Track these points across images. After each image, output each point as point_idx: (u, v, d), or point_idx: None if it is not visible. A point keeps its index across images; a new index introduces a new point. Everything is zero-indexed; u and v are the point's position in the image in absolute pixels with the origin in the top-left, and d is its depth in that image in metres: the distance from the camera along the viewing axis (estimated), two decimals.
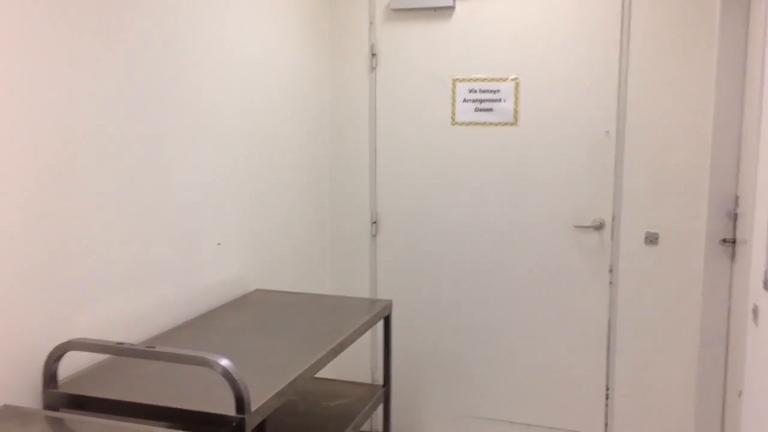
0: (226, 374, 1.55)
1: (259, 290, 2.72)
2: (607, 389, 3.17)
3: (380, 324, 3.45)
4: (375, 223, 3.43)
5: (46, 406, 1.69)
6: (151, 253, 2.12)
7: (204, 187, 2.39)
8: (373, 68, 3.34)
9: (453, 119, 3.25)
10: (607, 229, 3.09)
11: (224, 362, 1.56)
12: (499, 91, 3.16)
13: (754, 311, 2.22)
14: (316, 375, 2.23)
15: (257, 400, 1.63)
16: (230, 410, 1.57)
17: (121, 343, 1.64)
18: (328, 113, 3.42)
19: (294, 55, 3.01)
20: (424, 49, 3.25)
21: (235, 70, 2.56)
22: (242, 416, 1.55)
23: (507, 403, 3.33)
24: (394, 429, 3.52)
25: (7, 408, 1.57)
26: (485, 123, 3.20)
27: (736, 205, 2.85)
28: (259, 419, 1.61)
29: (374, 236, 3.44)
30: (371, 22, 3.31)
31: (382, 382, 2.66)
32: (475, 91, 3.19)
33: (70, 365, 1.81)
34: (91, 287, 1.88)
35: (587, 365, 3.19)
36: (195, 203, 2.34)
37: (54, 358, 1.68)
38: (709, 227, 2.91)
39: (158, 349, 1.60)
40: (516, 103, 3.14)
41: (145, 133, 2.08)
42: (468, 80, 3.20)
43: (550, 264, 3.19)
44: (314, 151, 3.26)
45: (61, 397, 1.68)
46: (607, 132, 3.04)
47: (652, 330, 3.07)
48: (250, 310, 2.43)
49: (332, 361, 3.12)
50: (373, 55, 3.32)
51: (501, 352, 3.31)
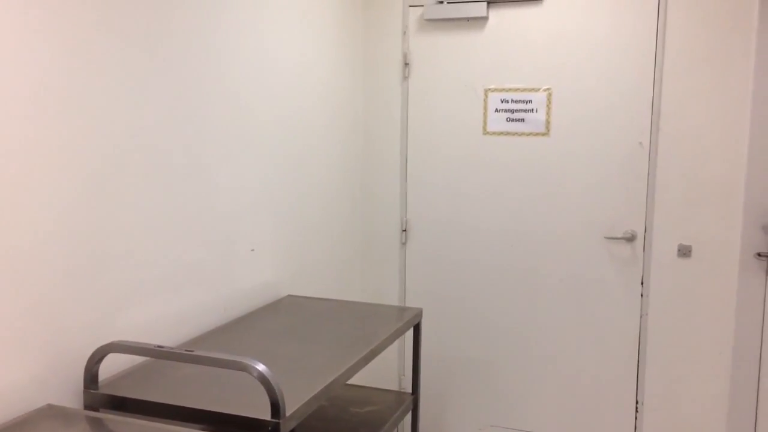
0: (263, 379, 1.57)
1: (290, 296, 2.75)
2: (637, 402, 3.15)
3: (408, 331, 3.47)
4: (405, 230, 3.45)
5: (87, 406, 1.73)
6: (189, 257, 2.16)
7: (240, 194, 2.43)
8: (406, 78, 3.36)
9: (484, 129, 3.26)
10: (639, 241, 3.08)
11: (261, 367, 1.58)
12: (531, 101, 3.16)
13: None
14: None
15: (292, 405, 1.65)
16: (265, 414, 1.60)
17: (161, 347, 1.67)
18: (361, 122, 3.45)
19: (328, 65, 3.04)
20: (457, 59, 3.27)
21: (271, 79, 2.60)
22: (277, 420, 1.57)
23: (535, 413, 3.32)
24: None
25: (51, 407, 1.62)
26: (517, 133, 3.20)
27: None
28: (293, 424, 1.63)
29: (404, 244, 3.46)
30: (404, 32, 3.34)
31: (409, 390, 2.67)
32: (507, 101, 3.20)
33: (110, 366, 1.85)
34: (132, 290, 1.92)
35: (617, 377, 3.16)
36: (231, 209, 2.38)
37: (95, 359, 1.72)
38: (744, 240, 2.88)
39: (197, 353, 1.63)
40: (548, 114, 3.14)
41: (186, 141, 2.12)
42: (500, 90, 3.21)
43: (581, 275, 3.18)
44: (346, 159, 3.29)
45: (101, 398, 1.72)
46: (641, 143, 3.02)
47: (684, 343, 3.04)
48: (283, 316, 2.46)
49: None
50: (406, 64, 3.35)
51: (530, 362, 3.30)
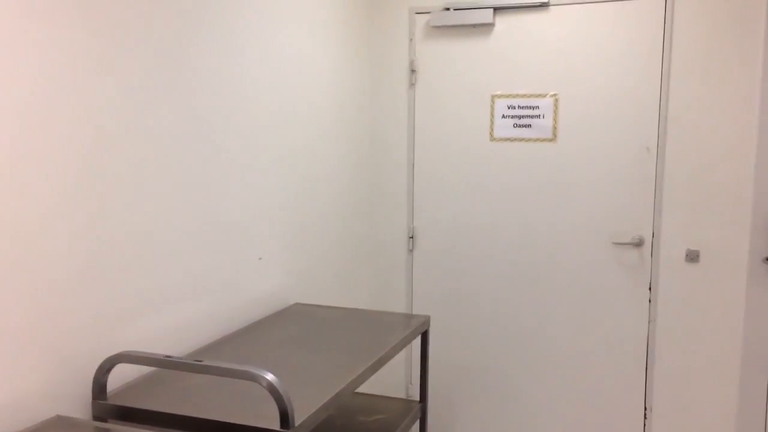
0: (272, 389, 1.57)
1: (298, 304, 2.75)
2: (645, 408, 3.13)
3: (416, 339, 3.46)
4: (412, 237, 3.44)
5: (96, 417, 1.73)
6: (196, 266, 2.16)
7: (248, 203, 2.43)
8: (413, 84, 3.36)
9: (491, 135, 3.25)
10: (646, 246, 3.06)
11: (269, 377, 1.58)
12: (538, 107, 3.15)
13: None
14: None
15: (301, 414, 1.65)
16: (275, 424, 1.59)
17: (170, 357, 1.67)
18: (368, 129, 3.45)
19: (335, 73, 3.05)
20: (464, 66, 3.27)
21: (279, 88, 2.60)
22: (287, 430, 1.57)
23: (543, 420, 3.30)
24: None
25: (60, 418, 1.62)
26: (524, 139, 3.20)
27: None
28: None
29: (411, 251, 3.45)
30: (411, 39, 3.34)
31: (417, 398, 2.66)
32: (514, 107, 3.19)
33: (119, 377, 1.85)
34: (140, 300, 1.92)
35: (625, 383, 3.15)
36: (239, 218, 2.38)
37: (104, 370, 1.72)
38: (752, 245, 2.86)
39: (205, 363, 1.63)
40: (555, 119, 3.14)
41: (196, 149, 2.12)
42: (507, 96, 3.20)
43: (589, 280, 3.16)
44: (353, 166, 3.29)
45: (109, 409, 1.72)
46: (648, 148, 3.01)
47: (693, 349, 3.03)
48: (290, 324, 2.45)
49: None
50: (413, 71, 3.35)
51: (538, 368, 3.29)
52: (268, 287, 2.59)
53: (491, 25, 3.19)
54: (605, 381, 3.18)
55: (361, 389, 3.32)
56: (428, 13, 3.29)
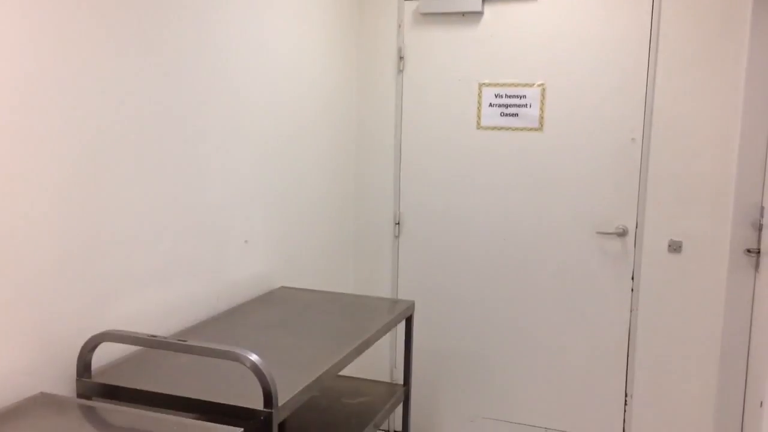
0: (255, 369, 1.58)
1: (283, 287, 2.77)
2: (626, 395, 3.18)
3: (400, 323, 3.48)
4: (398, 224, 3.46)
5: (80, 395, 1.74)
6: (182, 248, 2.17)
7: (233, 185, 2.44)
8: (401, 71, 3.37)
9: (478, 123, 3.27)
10: (630, 236, 3.10)
11: (253, 357, 1.60)
12: (525, 96, 3.17)
13: None
14: None
15: (284, 395, 1.67)
16: (258, 404, 1.61)
17: (154, 336, 1.68)
18: (355, 115, 3.45)
19: (323, 58, 3.05)
20: (452, 53, 3.28)
21: (265, 70, 2.61)
22: (270, 410, 1.59)
23: (525, 406, 3.34)
24: (412, 428, 3.55)
25: (44, 395, 1.63)
26: (510, 128, 3.22)
27: (762, 216, 2.84)
28: (286, 414, 1.64)
29: (397, 237, 3.47)
30: (399, 26, 3.34)
31: (401, 381, 2.69)
32: (501, 96, 3.21)
33: (103, 355, 1.86)
34: (124, 280, 1.93)
35: (607, 371, 3.19)
36: (224, 201, 2.39)
37: (88, 348, 1.73)
38: (734, 237, 2.91)
39: (190, 342, 1.64)
40: (542, 109, 3.16)
41: (180, 131, 2.12)
42: (494, 85, 3.22)
43: (573, 269, 3.20)
44: (340, 152, 3.30)
45: (94, 387, 1.73)
46: (633, 139, 3.04)
47: (673, 338, 3.07)
48: (276, 307, 2.47)
49: None
50: (401, 58, 3.36)
51: (521, 354, 3.32)
52: (254, 270, 2.61)
53: (480, 13, 3.20)
54: (587, 368, 3.22)
55: (346, 372, 3.35)
56: (417, 0, 3.29)
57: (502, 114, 3.22)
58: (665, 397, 3.12)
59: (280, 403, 1.62)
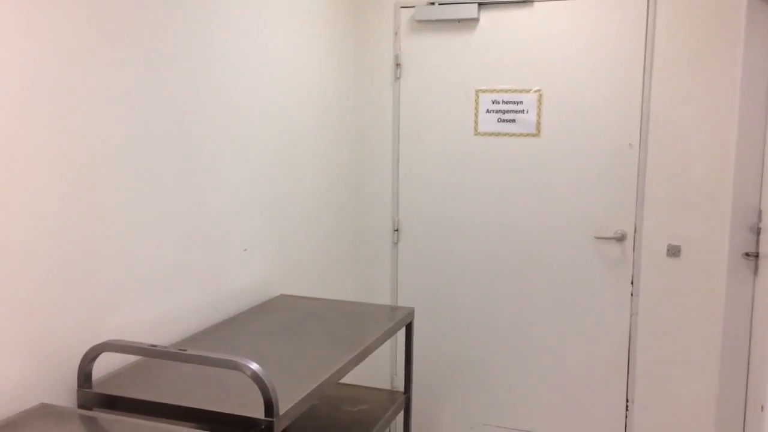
0: (256, 378, 1.58)
1: (282, 295, 2.76)
2: (627, 401, 3.18)
3: (400, 330, 3.48)
4: (397, 230, 3.46)
5: (80, 405, 1.74)
6: (181, 257, 2.17)
7: (231, 194, 2.44)
8: (398, 78, 3.38)
9: (476, 130, 3.28)
10: (628, 241, 3.10)
11: (254, 366, 1.59)
12: (522, 102, 3.18)
13: None
14: None
15: (285, 403, 1.66)
16: (259, 413, 1.61)
17: (155, 346, 1.68)
18: (353, 122, 3.46)
19: (320, 65, 3.06)
20: (448, 60, 3.29)
21: (262, 79, 2.61)
22: (271, 419, 1.58)
23: (526, 412, 3.34)
24: None
25: (45, 406, 1.62)
26: (508, 134, 3.23)
27: (760, 219, 2.85)
28: (286, 423, 1.64)
29: (396, 243, 3.47)
30: (396, 33, 3.35)
31: (402, 389, 2.68)
32: (498, 102, 3.22)
33: (104, 366, 1.86)
34: (124, 290, 1.93)
35: (607, 376, 3.19)
36: (223, 209, 2.39)
37: (89, 358, 1.72)
38: (732, 241, 2.91)
39: (190, 352, 1.64)
40: (539, 115, 3.17)
41: (180, 140, 2.13)
42: (491, 91, 3.23)
43: (572, 274, 3.20)
44: (338, 159, 3.30)
45: (94, 397, 1.73)
46: (630, 144, 3.05)
47: (674, 342, 3.07)
48: (275, 315, 2.47)
49: None
50: (398, 65, 3.37)
51: (521, 361, 3.32)
52: (253, 278, 2.60)
53: (476, 20, 3.22)
54: (587, 373, 3.22)
55: (347, 380, 3.34)
56: (413, 7, 3.30)
57: (500, 120, 3.23)
58: (666, 402, 3.12)
59: (281, 412, 1.62)
